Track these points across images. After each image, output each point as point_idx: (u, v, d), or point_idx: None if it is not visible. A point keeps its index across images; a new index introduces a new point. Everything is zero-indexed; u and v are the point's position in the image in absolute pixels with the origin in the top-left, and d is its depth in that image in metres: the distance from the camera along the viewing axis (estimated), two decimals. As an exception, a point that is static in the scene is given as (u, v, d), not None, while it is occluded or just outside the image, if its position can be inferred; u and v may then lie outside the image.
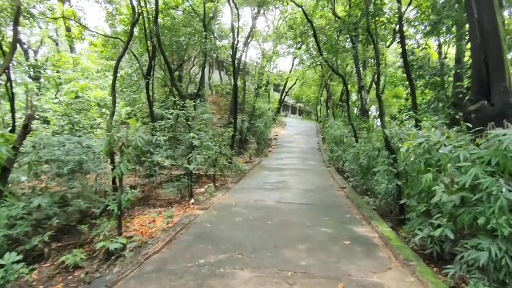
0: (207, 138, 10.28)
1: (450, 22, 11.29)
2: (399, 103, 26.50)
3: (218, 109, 24.55)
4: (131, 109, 16.61)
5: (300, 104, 52.98)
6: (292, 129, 29.03)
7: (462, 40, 11.49)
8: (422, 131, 5.50)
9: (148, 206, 8.58)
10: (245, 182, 10.61)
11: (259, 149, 19.94)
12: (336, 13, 17.66)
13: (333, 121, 21.61)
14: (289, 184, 9.89)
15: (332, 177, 11.57)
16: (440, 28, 11.72)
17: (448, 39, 14.36)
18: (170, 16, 15.56)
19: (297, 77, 33.23)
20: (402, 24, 9.89)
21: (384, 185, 6.49)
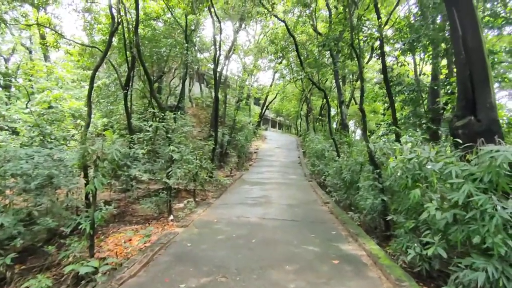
0: (188, 151, 9.96)
1: (425, 41, 11.63)
2: (376, 118, 27.08)
3: (198, 121, 24.22)
4: (108, 120, 16.04)
5: (280, 118, 53.36)
6: (272, 142, 28.99)
7: (437, 58, 11.84)
8: (407, 146, 5.46)
9: (123, 223, 8.11)
10: (226, 197, 10.29)
11: (240, 163, 19.67)
12: (317, 29, 17.97)
13: (313, 135, 21.73)
14: (272, 199, 9.66)
15: (315, 191, 11.44)
16: (416, 46, 12.06)
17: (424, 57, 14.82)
18: (151, 27, 15.31)
19: (277, 91, 33.46)
20: (383, 42, 10.07)
21: (370, 201, 6.38)
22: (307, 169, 17.98)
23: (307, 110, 30.52)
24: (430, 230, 4.58)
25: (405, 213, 5.27)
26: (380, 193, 6.81)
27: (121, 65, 15.62)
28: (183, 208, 9.43)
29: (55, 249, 5.46)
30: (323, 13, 20.59)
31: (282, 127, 54.72)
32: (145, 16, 14.98)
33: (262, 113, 32.91)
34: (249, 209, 8.26)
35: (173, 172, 7.79)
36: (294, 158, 21.99)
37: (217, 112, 15.71)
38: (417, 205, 4.94)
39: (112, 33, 8.73)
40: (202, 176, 10.80)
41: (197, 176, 10.33)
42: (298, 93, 33.17)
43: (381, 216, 6.97)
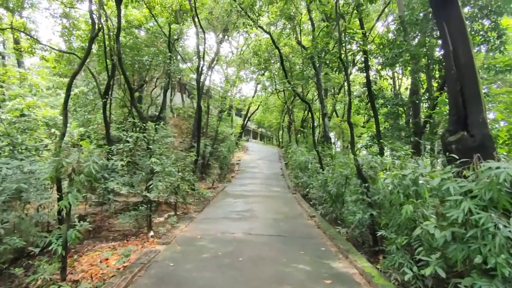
0: (170, 163, 9.59)
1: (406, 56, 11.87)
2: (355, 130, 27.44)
3: (179, 132, 23.76)
4: (85, 130, 15.40)
5: (261, 129, 53.38)
6: (254, 154, 28.77)
7: (418, 73, 12.10)
8: (398, 161, 5.38)
9: (100, 239, 7.62)
10: (209, 210, 9.93)
11: (222, 175, 19.31)
12: (301, 42, 18.11)
13: (296, 147, 21.67)
14: (257, 213, 9.38)
15: (300, 204, 11.25)
16: (397, 61, 12.30)
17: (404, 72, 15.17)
18: (133, 35, 14.96)
19: (260, 102, 33.48)
20: (367, 56, 10.17)
21: (360, 215, 6.23)
22: (290, 181, 17.84)
23: (289, 121, 30.62)
24: (423, 247, 4.47)
25: (396, 229, 5.13)
26: (369, 207, 6.69)
27: (101, 73, 15.13)
28: (164, 223, 9.00)
29: (23, 270, 4.98)
30: (306, 27, 20.84)
31: (264, 138, 54.75)
32: (127, 24, 14.64)
33: (244, 124, 32.75)
34: (234, 224, 7.95)
35: (154, 185, 7.41)
36: (276, 170, 21.83)
37: (199, 122, 15.41)
38: (409, 221, 4.82)
39: (92, 39, 8.35)
40: (184, 189, 10.41)
41: (179, 188, 9.95)
42: (280, 104, 33.29)
43: (369, 231, 6.84)
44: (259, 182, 16.92)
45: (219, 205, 10.69)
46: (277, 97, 33.16)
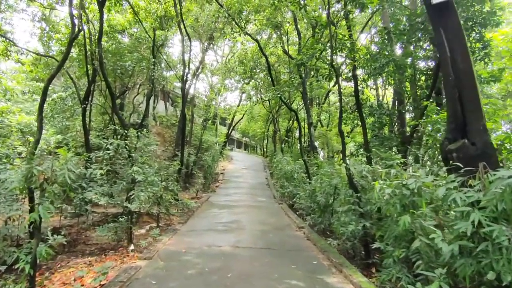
0: (152, 172, 9.15)
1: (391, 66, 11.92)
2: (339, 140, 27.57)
3: (162, 141, 23.19)
4: (63, 137, 14.70)
5: (245, 139, 53.16)
6: (239, 163, 28.41)
7: (403, 83, 12.15)
8: (395, 170, 5.19)
9: (75, 254, 7.09)
10: (194, 222, 9.49)
11: (206, 184, 18.83)
12: (287, 51, 18.09)
13: (281, 156, 21.46)
14: (243, 224, 9.02)
15: (287, 215, 10.96)
16: (383, 71, 12.33)
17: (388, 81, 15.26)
18: (115, 40, 14.50)
19: (245, 111, 33.30)
20: (356, 65, 10.11)
21: (352, 227, 5.98)
22: (276, 191, 17.56)
23: (274, 131, 30.51)
24: (422, 260, 4.25)
25: (393, 241, 4.91)
26: (360, 218, 6.47)
27: (81, 79, 14.54)
28: (146, 235, 8.53)
29: (-15, 292, 4.46)
30: (292, 39, 20.89)
31: (248, 147, 54.50)
32: (109, 28, 14.19)
33: (229, 133, 32.43)
34: (220, 236, 7.56)
35: (136, 195, 6.96)
36: (261, 179, 21.53)
37: (183, 130, 14.98)
38: (406, 233, 4.61)
39: (72, 41, 7.92)
40: (168, 199, 9.95)
41: (162, 199, 9.49)
42: (265, 114, 33.21)
43: (361, 243, 6.61)
44: (244, 192, 16.56)
45: (204, 216, 10.27)
46: (262, 106, 33.12)
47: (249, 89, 30.28)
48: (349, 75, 12.87)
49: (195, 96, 23.34)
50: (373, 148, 11.04)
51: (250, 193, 16.25)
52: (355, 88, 10.26)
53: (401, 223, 4.41)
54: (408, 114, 12.92)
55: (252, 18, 14.65)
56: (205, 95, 26.11)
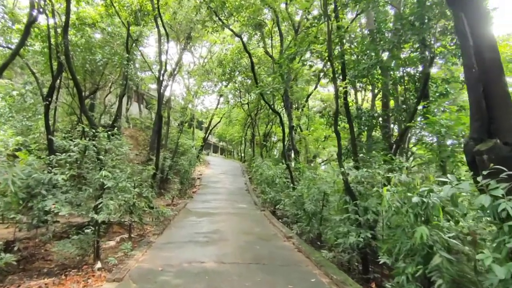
0: (124, 177, 8.19)
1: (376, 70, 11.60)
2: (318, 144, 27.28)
3: (136, 144, 21.94)
4: (24, 139, 13.31)
5: (222, 143, 52.16)
6: (216, 168, 27.46)
7: (388, 86, 11.87)
8: (404, 175, 4.63)
9: (30, 273, 6.06)
10: (171, 232, 8.58)
11: (183, 190, 17.83)
12: (268, 52, 17.54)
13: (261, 161, 20.79)
14: (226, 235, 8.23)
15: (271, 223, 10.26)
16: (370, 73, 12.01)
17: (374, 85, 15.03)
18: (85, 35, 13.33)
19: (223, 114, 32.47)
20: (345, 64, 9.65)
21: (353, 238, 5.36)
22: (257, 196, 16.85)
23: (253, 134, 29.85)
24: (443, 279, 3.70)
25: (405, 256, 4.32)
26: (358, 227, 5.88)
27: (45, 74, 13.26)
28: (116, 248, 7.58)
29: None
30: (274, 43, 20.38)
31: (224, 152, 53.52)
32: (79, 20, 13.05)
33: (206, 137, 31.41)
34: (201, 249, 6.72)
35: (104, 204, 6.03)
36: (240, 185, 20.75)
37: (159, 133, 14.01)
38: (422, 247, 4.05)
39: (29, 25, 6.91)
40: (141, 207, 8.99)
41: (135, 207, 8.54)
42: (243, 118, 32.53)
43: (360, 255, 6.03)
44: (223, 198, 15.72)
45: (181, 226, 9.36)
46: (239, 110, 32.41)
47: (227, 92, 29.54)
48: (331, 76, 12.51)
49: (171, 99, 22.28)
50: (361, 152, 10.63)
51: (230, 199, 15.43)
52: (344, 88, 9.80)
53: (417, 235, 3.85)
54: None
55: (234, 15, 13.93)
56: (182, 97, 25.07)
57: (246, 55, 21.45)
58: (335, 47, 7.39)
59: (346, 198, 6.14)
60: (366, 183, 6.35)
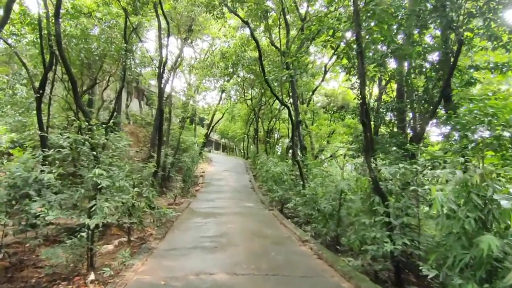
0: (122, 176, 7.43)
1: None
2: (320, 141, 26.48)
3: (136, 141, 21.22)
4: (20, 136, 12.55)
5: (224, 140, 51.43)
6: (219, 165, 26.69)
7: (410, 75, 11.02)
8: (459, 172, 3.83)
9: (15, 284, 5.33)
10: (174, 236, 7.80)
11: (186, 188, 17.07)
12: (274, 42, 16.70)
13: (266, 157, 20.00)
14: (235, 238, 7.45)
15: (282, 224, 9.48)
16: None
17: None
18: (81, 25, 12.49)
19: (225, 110, 31.68)
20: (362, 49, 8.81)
21: (389, 245, 4.56)
22: (263, 195, 16.10)
23: (256, 130, 29.03)
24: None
25: (461, 270, 3.53)
26: (389, 231, 5.08)
27: (38, 67, 12.47)
28: (113, 254, 6.83)
29: None
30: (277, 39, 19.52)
31: (226, 149, 52.79)
32: (74, 9, 12.23)
33: (208, 133, 30.63)
34: (209, 257, 5.94)
35: (98, 206, 5.25)
36: (245, 182, 20.00)
37: (160, 129, 13.21)
38: (488, 260, 3.27)
39: (12, 1, 6.09)
40: (141, 208, 8.21)
41: (134, 208, 7.78)
42: (246, 114, 31.75)
43: (393, 264, 5.23)
44: (228, 197, 14.96)
45: (185, 228, 8.58)
46: (242, 106, 31.60)
47: (230, 88, 28.74)
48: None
49: (172, 95, 21.44)
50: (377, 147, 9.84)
51: (235, 198, 14.68)
52: (361, 83, 8.98)
53: (483, 246, 3.06)
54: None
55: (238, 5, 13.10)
56: (183, 93, 24.23)
57: (250, 48, 20.67)
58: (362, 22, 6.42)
59: (375, 198, 5.34)
60: (396, 181, 5.55)
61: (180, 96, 25.22)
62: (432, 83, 9.71)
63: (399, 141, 9.72)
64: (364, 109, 6.13)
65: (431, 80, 9.81)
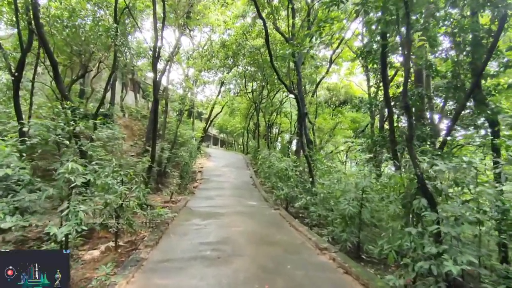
0: (109, 171, 6.32)
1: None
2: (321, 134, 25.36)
3: (131, 134, 20.02)
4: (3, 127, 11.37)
5: (222, 135, 50.24)
6: (218, 160, 25.53)
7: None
8: None
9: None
10: (169, 243, 6.66)
11: (183, 185, 15.93)
12: (279, 28, 15.49)
13: (268, 152, 18.82)
14: (241, 246, 6.33)
15: (293, 226, 8.35)
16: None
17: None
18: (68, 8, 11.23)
19: (225, 103, 30.48)
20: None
21: (450, 264, 3.46)
22: (265, 192, 15.00)
23: (257, 124, 27.82)
24: None
25: None
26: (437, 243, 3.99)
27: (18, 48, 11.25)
28: (98, 262, 5.74)
29: None
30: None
31: (225, 144, 51.62)
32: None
33: (206, 127, 29.39)
34: (211, 272, 4.81)
35: (71, 211, 4.12)
36: (246, 178, 18.89)
37: (156, 119, 11.97)
38: None
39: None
40: (132, 207, 7.07)
41: (122, 209, 6.65)
42: (245, 108, 30.57)
43: (446, 285, 4.14)
44: (229, 194, 13.84)
45: (182, 232, 7.43)
46: (242, 99, 30.38)
47: (230, 80, 27.50)
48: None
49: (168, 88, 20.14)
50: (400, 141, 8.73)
51: (236, 195, 13.56)
52: (383, 74, 7.87)
53: None
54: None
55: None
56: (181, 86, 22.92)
57: (252, 36, 19.42)
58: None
59: (421, 200, 4.24)
60: (446, 180, 4.46)
61: (177, 90, 23.99)
62: (462, 68, 8.59)
63: (424, 133, 8.60)
64: (405, 91, 4.97)
65: (460, 65, 8.68)
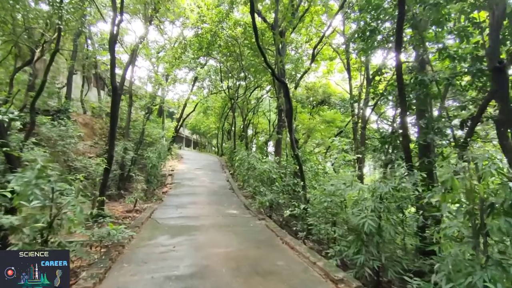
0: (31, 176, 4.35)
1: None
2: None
3: (91, 133, 17.61)
4: None
5: (195, 136, 47.99)
6: (191, 162, 23.42)
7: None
8: None
9: None
10: (120, 277, 4.66)
11: (150, 190, 13.81)
12: (260, 12, 13.78)
13: (246, 153, 16.97)
14: (224, 283, 4.50)
15: (287, 244, 6.57)
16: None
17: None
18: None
19: (198, 100, 28.41)
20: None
21: None
22: (245, 197, 13.21)
23: (233, 123, 25.92)
24: None
25: None
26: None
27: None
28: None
29: None
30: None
31: (198, 145, 49.36)
32: None
33: (178, 127, 27.14)
34: None
35: None
36: (222, 182, 17.00)
37: (115, 115, 9.77)
38: None
39: None
40: (68, 228, 5.02)
41: (53, 230, 4.63)
42: (220, 106, 28.64)
43: None
44: (204, 201, 11.90)
45: (141, 259, 5.43)
46: (216, 98, 28.42)
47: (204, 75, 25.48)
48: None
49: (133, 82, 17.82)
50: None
51: (213, 202, 11.64)
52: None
53: None
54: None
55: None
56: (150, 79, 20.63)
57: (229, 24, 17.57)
58: None
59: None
60: None
61: (145, 87, 21.71)
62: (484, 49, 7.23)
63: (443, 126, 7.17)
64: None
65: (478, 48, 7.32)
